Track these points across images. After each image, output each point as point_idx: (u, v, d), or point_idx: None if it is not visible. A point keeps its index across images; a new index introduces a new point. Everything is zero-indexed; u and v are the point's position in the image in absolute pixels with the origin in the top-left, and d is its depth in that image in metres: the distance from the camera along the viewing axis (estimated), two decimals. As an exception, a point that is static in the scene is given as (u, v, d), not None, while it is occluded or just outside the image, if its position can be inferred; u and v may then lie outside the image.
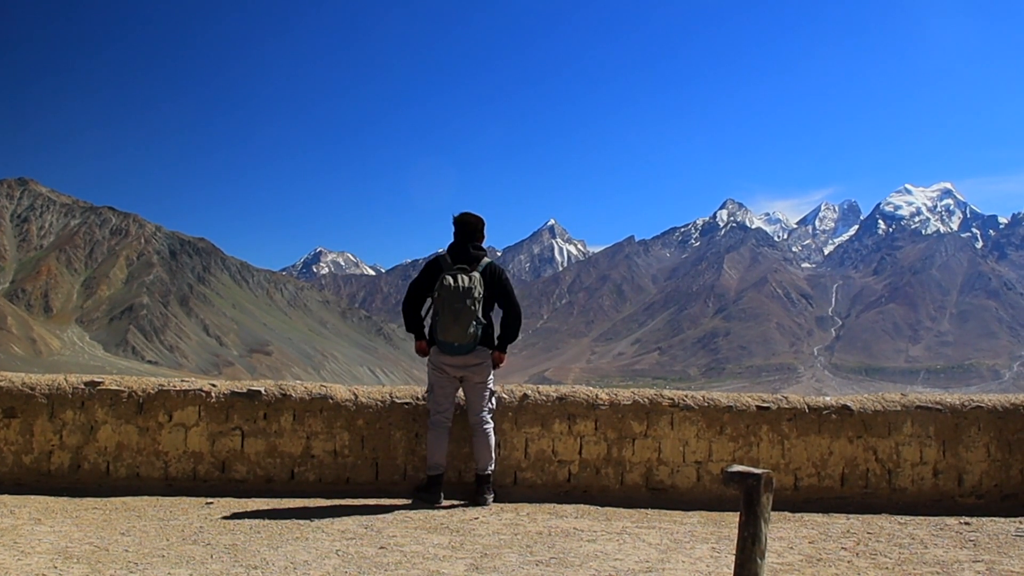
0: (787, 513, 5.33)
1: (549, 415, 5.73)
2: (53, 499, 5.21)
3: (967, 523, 5.18)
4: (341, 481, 5.66)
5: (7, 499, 5.17)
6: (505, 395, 5.76)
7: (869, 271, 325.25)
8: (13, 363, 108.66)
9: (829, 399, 5.96)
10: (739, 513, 2.97)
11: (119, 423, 5.61)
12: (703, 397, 5.85)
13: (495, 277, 5.47)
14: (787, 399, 5.89)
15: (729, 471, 3.03)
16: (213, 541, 4.29)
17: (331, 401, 5.71)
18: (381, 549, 4.22)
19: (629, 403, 5.77)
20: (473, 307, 5.28)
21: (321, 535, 4.47)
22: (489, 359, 5.49)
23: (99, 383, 5.67)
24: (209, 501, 5.25)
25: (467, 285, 5.28)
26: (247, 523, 4.71)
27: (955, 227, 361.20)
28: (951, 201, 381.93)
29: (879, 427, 5.80)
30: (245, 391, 5.69)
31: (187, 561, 3.91)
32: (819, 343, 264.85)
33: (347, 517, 4.92)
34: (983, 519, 5.29)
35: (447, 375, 5.44)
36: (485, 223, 5.60)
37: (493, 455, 5.46)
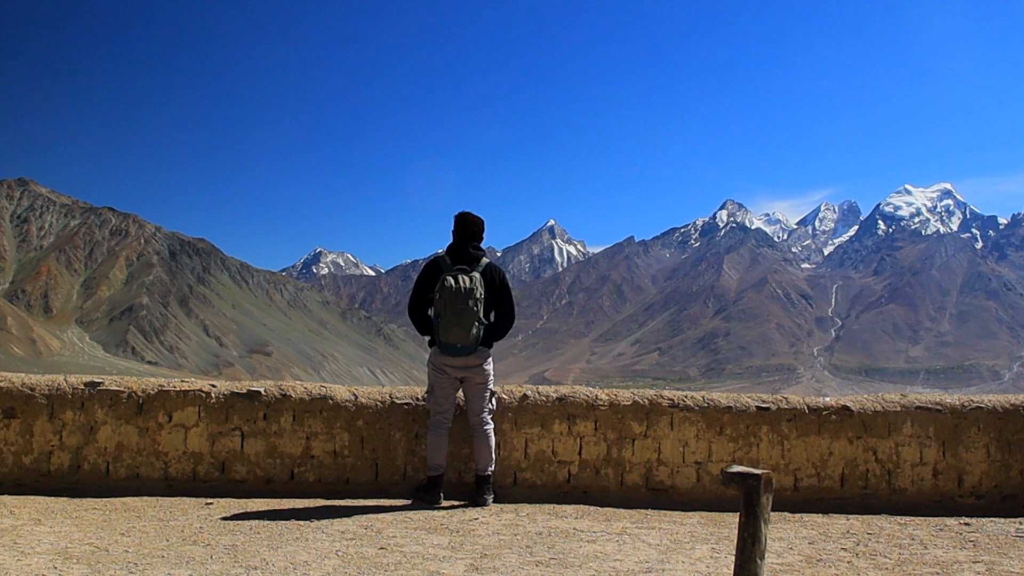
0: (787, 513, 5.33)
1: (549, 415, 5.73)
2: (53, 500, 5.21)
3: (967, 524, 5.18)
4: (341, 482, 5.66)
5: (7, 500, 5.17)
6: (505, 395, 5.76)
7: (869, 272, 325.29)
8: (13, 364, 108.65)
9: (829, 400, 5.96)
10: (739, 513, 2.97)
11: (119, 424, 5.61)
12: (703, 397, 5.85)
13: (495, 278, 5.46)
14: (787, 400, 5.89)
15: (729, 471, 3.03)
16: (213, 542, 4.29)
17: (331, 401, 5.71)
18: (381, 550, 4.22)
19: (629, 403, 5.77)
20: (475, 308, 5.28)
21: (321, 535, 4.47)
22: (490, 360, 5.49)
23: (99, 384, 5.67)
24: (209, 502, 5.25)
25: (468, 286, 5.28)
26: (247, 524, 4.71)
27: (955, 227, 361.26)
28: (951, 201, 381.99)
29: (879, 428, 5.80)
30: (245, 391, 5.69)
31: (187, 562, 3.91)
32: (819, 344, 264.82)
33: (347, 517, 4.92)
34: (983, 519, 5.29)
35: (448, 376, 5.44)
36: (485, 223, 5.59)
37: (493, 456, 5.45)
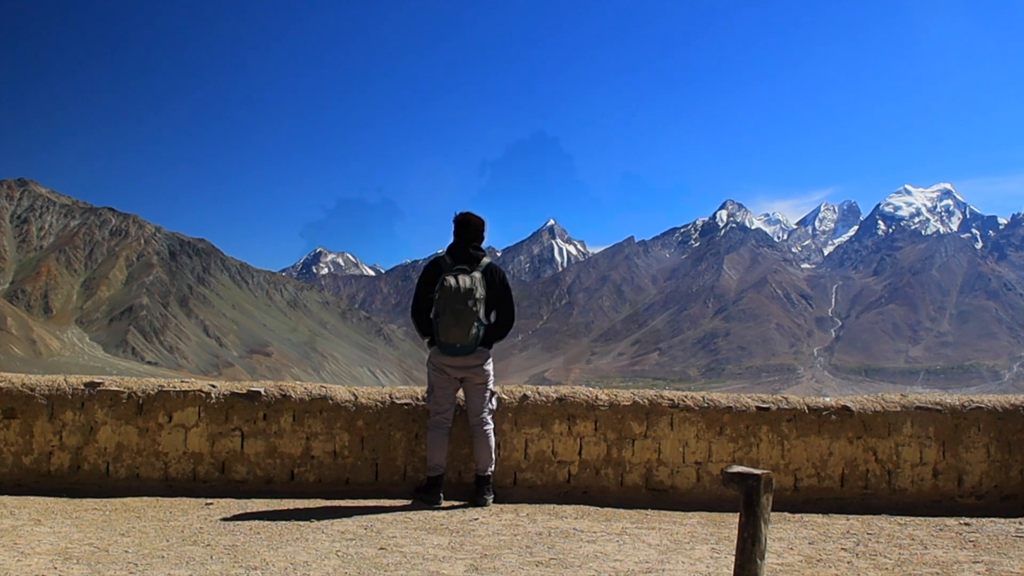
0: (787, 514, 5.33)
1: (549, 416, 5.73)
2: (53, 500, 5.21)
3: (967, 524, 5.18)
4: (341, 482, 5.66)
5: (7, 500, 5.17)
6: (505, 395, 5.76)
7: (869, 272, 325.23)
8: (13, 364, 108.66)
9: (829, 400, 5.96)
10: (739, 514, 2.97)
11: (119, 424, 5.61)
12: (703, 398, 5.85)
13: (495, 278, 5.46)
14: (787, 400, 5.89)
15: (729, 472, 3.03)
16: (213, 542, 4.29)
17: (331, 402, 5.71)
18: (381, 550, 4.22)
19: (629, 404, 5.77)
20: (474, 308, 5.27)
21: (321, 536, 4.47)
22: (490, 360, 5.48)
23: (99, 384, 5.67)
24: (209, 502, 5.25)
25: (468, 286, 5.27)
26: (247, 524, 4.71)
27: (955, 228, 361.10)
28: (951, 202, 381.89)
29: (879, 428, 5.80)
30: (245, 392, 5.69)
31: (187, 562, 3.91)
32: (819, 344, 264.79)
33: (347, 518, 4.92)
34: (983, 520, 5.29)
35: (448, 376, 5.44)
36: (486, 224, 5.59)
37: (493, 456, 5.45)
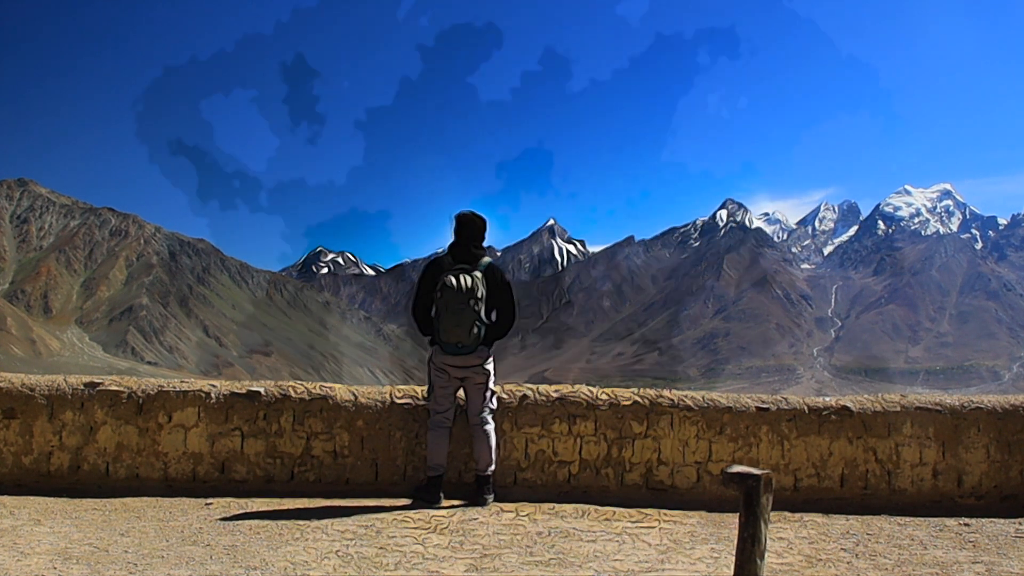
0: (787, 513, 5.33)
1: (549, 415, 5.73)
2: (53, 500, 5.21)
3: (967, 524, 5.18)
4: (341, 481, 5.66)
5: (7, 500, 5.17)
6: (505, 395, 5.76)
7: (869, 272, 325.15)
8: (13, 364, 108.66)
9: (829, 400, 5.96)
10: (739, 513, 2.97)
11: (119, 424, 5.61)
12: (703, 397, 5.85)
13: (496, 277, 5.45)
14: (787, 400, 5.89)
15: (729, 471, 3.04)
16: (213, 542, 4.29)
17: (331, 401, 5.70)
18: (381, 549, 4.22)
19: (629, 403, 5.77)
20: (476, 307, 5.27)
21: (321, 535, 4.47)
22: (491, 359, 5.48)
23: (99, 384, 5.67)
24: (209, 502, 5.25)
25: (469, 285, 5.26)
26: (247, 524, 4.71)
27: (955, 228, 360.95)
28: (951, 202, 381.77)
29: (879, 428, 5.80)
30: (245, 392, 5.69)
31: (187, 562, 3.91)
32: (819, 344, 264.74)
33: (347, 517, 4.92)
34: (983, 520, 5.29)
35: (448, 375, 5.43)
36: (487, 223, 5.57)
37: (493, 455, 5.45)
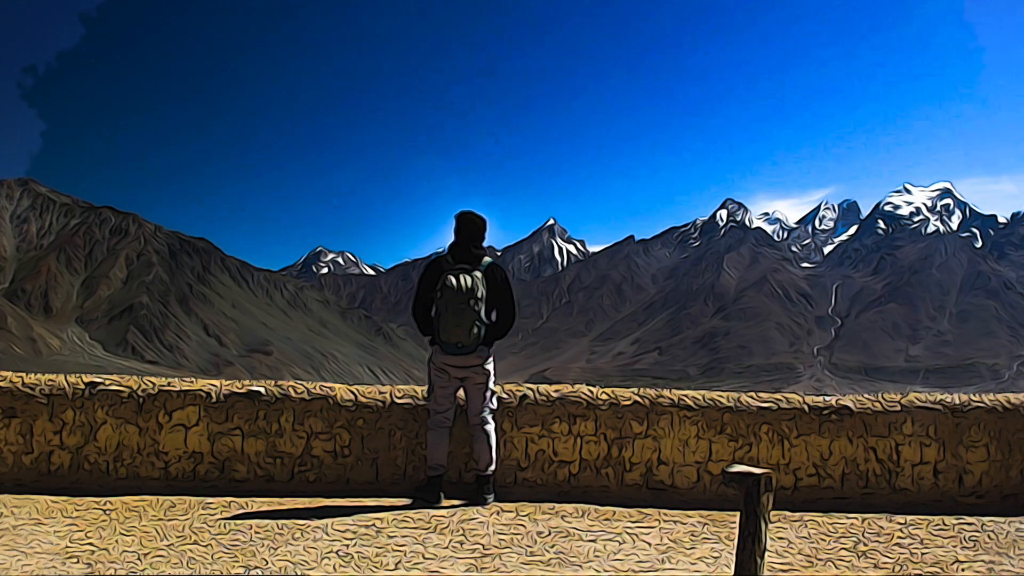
0: (787, 513, 5.33)
1: (549, 415, 5.73)
2: (53, 499, 5.21)
3: (967, 523, 5.18)
4: (341, 481, 5.66)
5: (7, 499, 5.17)
6: (505, 395, 5.76)
7: (869, 271, 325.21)
8: (13, 363, 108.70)
9: (829, 399, 5.96)
10: (739, 513, 2.97)
11: (119, 423, 5.61)
12: (703, 397, 5.85)
13: (496, 277, 5.45)
14: (787, 399, 5.89)
15: (729, 471, 3.04)
16: (213, 541, 4.29)
17: (331, 401, 5.70)
18: (381, 549, 4.22)
19: (629, 403, 5.77)
20: (476, 307, 5.27)
21: (321, 535, 4.48)
22: (491, 359, 5.48)
23: (99, 383, 5.67)
24: (209, 501, 5.25)
25: (469, 285, 5.26)
26: (247, 523, 4.71)
27: (955, 227, 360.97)
28: (950, 201, 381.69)
29: (879, 427, 5.80)
30: (245, 391, 5.69)
31: (187, 561, 3.92)
32: (819, 343, 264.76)
33: (347, 517, 4.92)
34: (983, 519, 5.29)
35: (448, 375, 5.43)
36: (487, 223, 5.57)
37: (494, 455, 5.45)
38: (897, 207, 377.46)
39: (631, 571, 3.93)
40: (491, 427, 5.47)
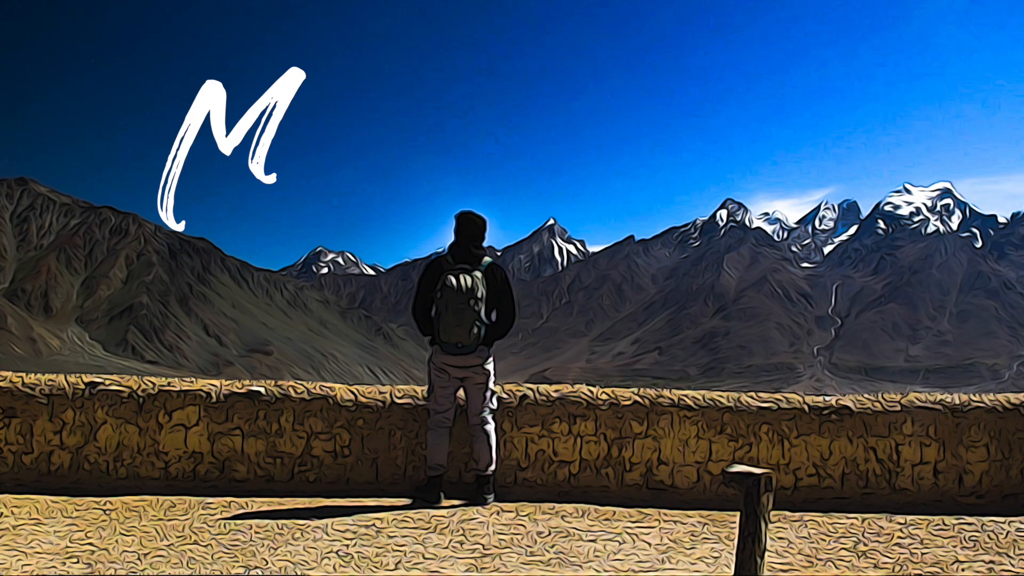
0: (787, 513, 5.33)
1: (549, 415, 5.73)
2: (53, 499, 5.21)
3: (967, 523, 5.19)
4: (341, 481, 5.66)
5: (7, 499, 5.17)
6: (505, 395, 5.76)
7: (869, 271, 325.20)
8: (13, 363, 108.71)
9: (829, 399, 5.96)
10: (739, 513, 2.97)
11: (119, 423, 5.61)
12: (703, 397, 5.85)
13: (496, 277, 5.45)
14: (787, 399, 5.89)
15: (729, 471, 3.04)
16: (213, 541, 4.29)
17: (331, 401, 5.71)
18: (381, 549, 4.22)
19: (629, 403, 5.77)
20: (476, 307, 5.27)
21: (321, 535, 4.48)
22: (491, 359, 5.48)
23: (99, 383, 5.67)
24: (209, 501, 5.25)
25: (469, 285, 5.27)
26: (247, 523, 4.71)
27: (955, 227, 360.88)
28: (950, 201, 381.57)
29: (879, 427, 5.80)
30: (245, 391, 5.69)
31: (187, 561, 3.92)
32: (819, 343, 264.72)
33: (347, 517, 4.92)
34: (983, 519, 5.30)
35: (448, 375, 5.44)
36: (487, 223, 5.57)
37: (494, 455, 5.45)
38: (897, 207, 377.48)
39: (631, 571, 3.94)
40: (491, 427, 5.47)
